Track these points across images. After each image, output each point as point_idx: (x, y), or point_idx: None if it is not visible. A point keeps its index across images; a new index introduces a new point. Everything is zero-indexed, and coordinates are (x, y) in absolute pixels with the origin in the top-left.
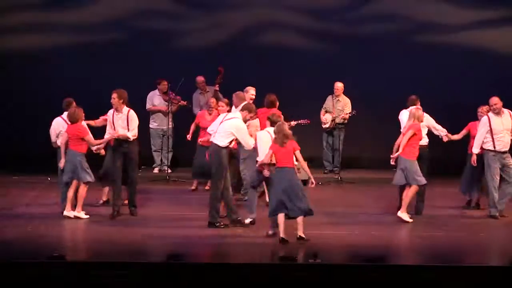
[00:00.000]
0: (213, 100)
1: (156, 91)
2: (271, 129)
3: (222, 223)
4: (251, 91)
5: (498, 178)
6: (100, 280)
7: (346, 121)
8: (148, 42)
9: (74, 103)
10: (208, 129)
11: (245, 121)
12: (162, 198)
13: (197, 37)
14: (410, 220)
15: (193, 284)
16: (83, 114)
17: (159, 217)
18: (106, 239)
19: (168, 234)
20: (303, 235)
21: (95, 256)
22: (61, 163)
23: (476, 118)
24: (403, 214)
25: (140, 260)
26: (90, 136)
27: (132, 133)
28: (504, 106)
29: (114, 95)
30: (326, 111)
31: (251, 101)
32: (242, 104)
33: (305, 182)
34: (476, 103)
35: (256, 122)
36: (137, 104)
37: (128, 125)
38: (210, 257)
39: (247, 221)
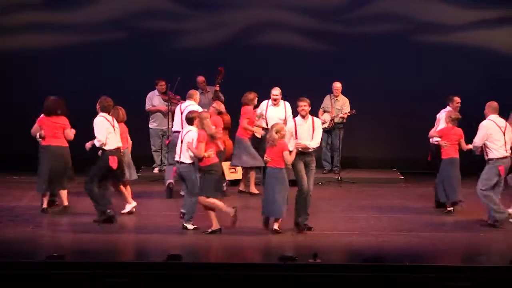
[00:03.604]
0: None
1: (156, 91)
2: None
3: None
4: (273, 91)
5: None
6: (100, 280)
7: (344, 120)
8: (148, 42)
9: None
10: None
11: None
12: (162, 198)
13: (197, 37)
14: None
15: (193, 284)
16: None
17: (159, 217)
18: (106, 239)
19: (168, 234)
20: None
21: (95, 256)
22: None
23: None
24: None
25: (140, 260)
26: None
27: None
28: (504, 106)
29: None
30: (325, 111)
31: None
32: None
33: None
34: (476, 103)
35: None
36: (137, 104)
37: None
38: (210, 257)
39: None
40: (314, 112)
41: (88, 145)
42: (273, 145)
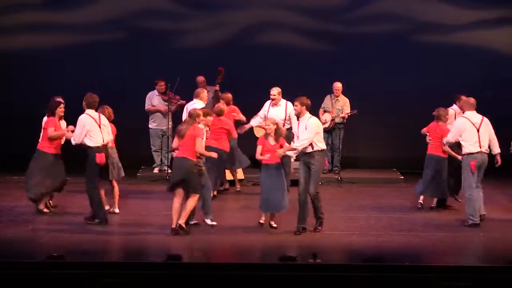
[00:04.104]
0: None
1: (155, 91)
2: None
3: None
4: (271, 91)
5: None
6: (100, 280)
7: (345, 120)
8: (148, 42)
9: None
10: None
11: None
12: (162, 198)
13: (197, 37)
14: None
15: (193, 284)
16: None
17: (159, 217)
18: (106, 239)
19: (168, 234)
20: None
21: (95, 256)
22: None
23: None
24: None
25: (140, 260)
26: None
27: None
28: (504, 105)
29: None
30: (325, 111)
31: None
32: None
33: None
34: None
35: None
36: (137, 104)
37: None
38: (210, 257)
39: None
40: (314, 112)
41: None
42: None
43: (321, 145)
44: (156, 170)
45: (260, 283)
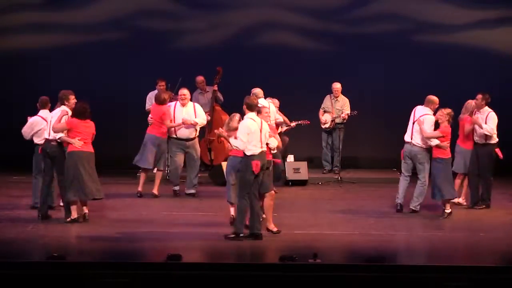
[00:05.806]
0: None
1: (156, 92)
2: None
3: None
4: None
5: None
6: (100, 280)
7: (345, 121)
8: (148, 42)
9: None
10: None
11: None
12: (162, 198)
13: (197, 37)
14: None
15: (193, 284)
16: None
17: (159, 217)
18: (106, 239)
19: (168, 234)
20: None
21: (95, 256)
22: None
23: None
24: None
25: (140, 260)
26: None
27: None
28: (504, 105)
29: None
30: (325, 111)
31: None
32: None
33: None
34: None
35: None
36: (137, 104)
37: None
38: (210, 257)
39: None
40: (314, 112)
41: None
42: None
43: (248, 152)
44: (155, 170)
45: (260, 283)
